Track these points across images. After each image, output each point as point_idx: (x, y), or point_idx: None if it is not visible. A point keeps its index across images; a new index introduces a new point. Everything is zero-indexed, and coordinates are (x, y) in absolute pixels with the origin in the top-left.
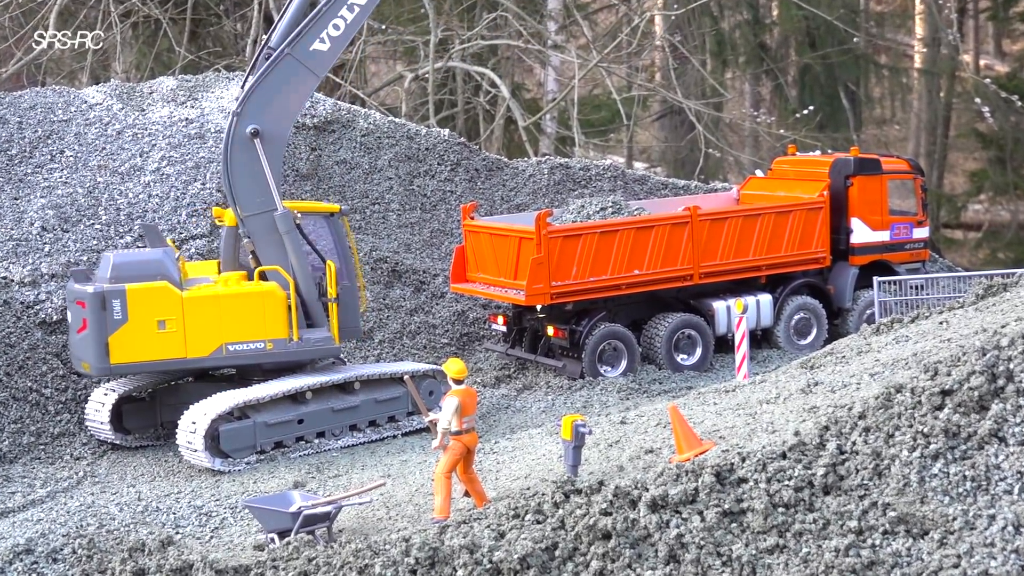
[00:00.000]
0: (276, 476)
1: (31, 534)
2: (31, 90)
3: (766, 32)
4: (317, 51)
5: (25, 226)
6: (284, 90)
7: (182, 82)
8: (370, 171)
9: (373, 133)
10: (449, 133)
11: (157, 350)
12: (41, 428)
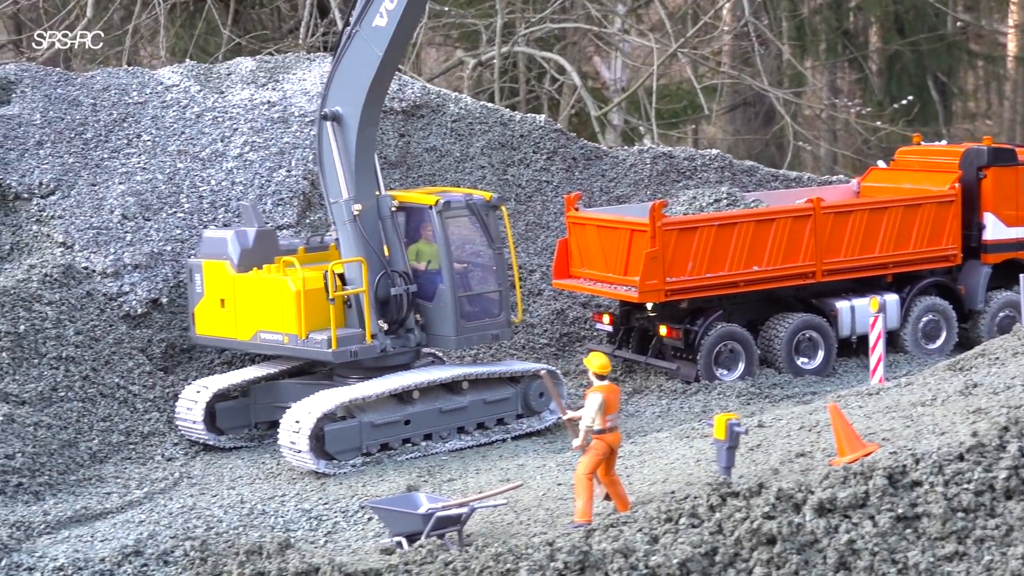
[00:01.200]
0: (385, 479)
1: (136, 536)
2: (103, 70)
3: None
4: (377, 27)
5: (105, 214)
6: (358, 71)
7: (261, 63)
8: (461, 159)
9: (464, 119)
10: (545, 119)
11: (220, 327)
12: (130, 427)
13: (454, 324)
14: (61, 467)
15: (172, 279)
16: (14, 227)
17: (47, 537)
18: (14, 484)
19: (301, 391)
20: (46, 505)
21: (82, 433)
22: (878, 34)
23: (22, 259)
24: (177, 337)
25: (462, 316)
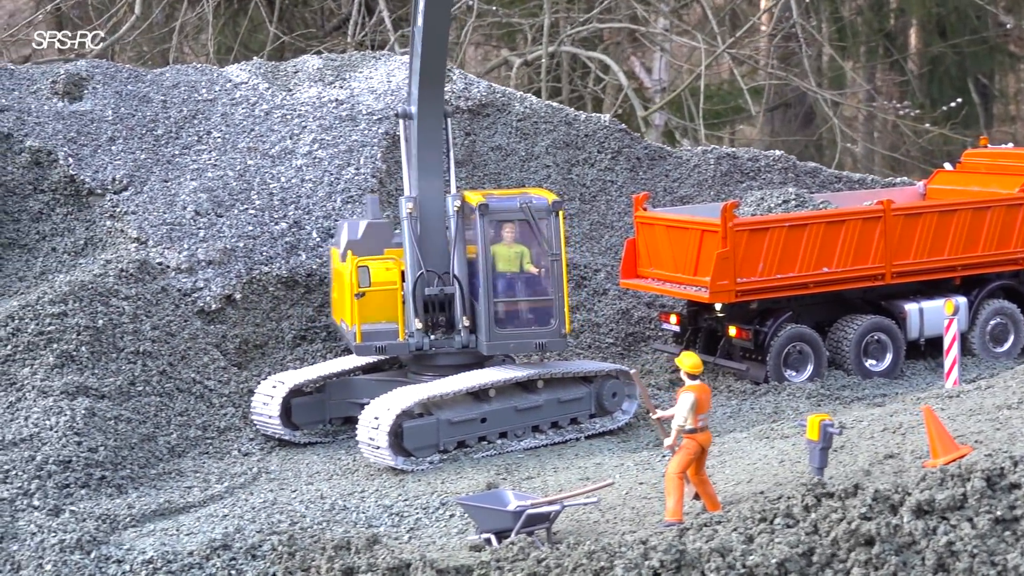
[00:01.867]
0: (464, 476)
1: (221, 530)
2: (172, 67)
3: (890, 20)
4: (418, 26)
5: (177, 210)
6: (414, 69)
7: (327, 61)
8: (527, 158)
9: (530, 118)
10: (610, 119)
11: (339, 313)
12: (207, 421)
13: (486, 330)
14: (141, 461)
15: (245, 275)
16: (88, 222)
17: (132, 530)
18: (97, 477)
19: (375, 388)
20: (129, 498)
21: (160, 427)
22: (918, 36)
23: (96, 254)
24: (250, 333)
25: (497, 322)
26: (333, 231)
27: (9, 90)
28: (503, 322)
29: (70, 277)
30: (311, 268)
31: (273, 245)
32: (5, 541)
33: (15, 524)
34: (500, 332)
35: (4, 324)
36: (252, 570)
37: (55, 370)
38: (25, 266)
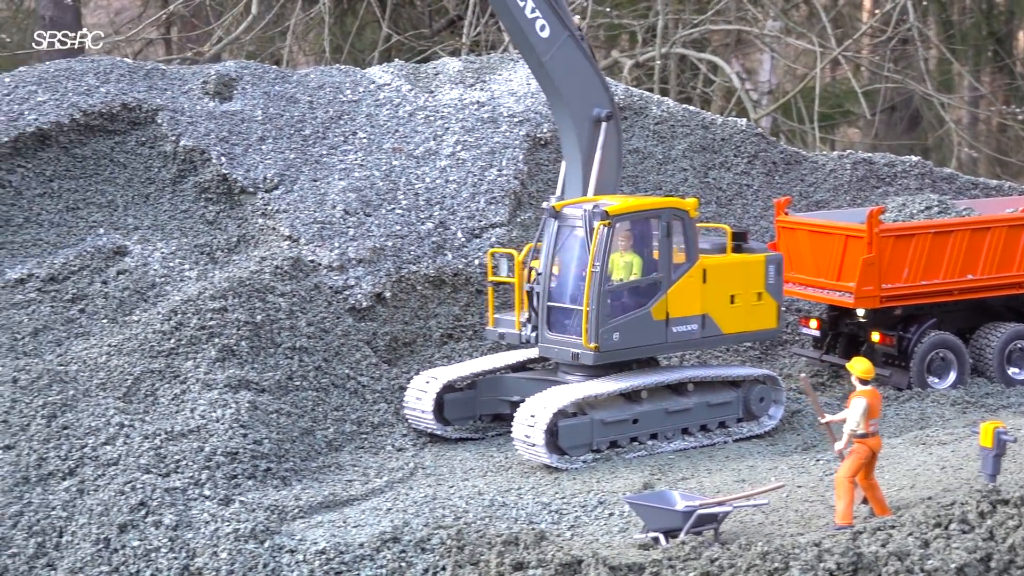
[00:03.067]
0: (618, 476)
1: (388, 523)
2: (316, 68)
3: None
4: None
5: (327, 209)
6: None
7: (467, 63)
8: (663, 161)
9: (667, 121)
10: (747, 123)
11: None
12: (361, 417)
13: (541, 331)
14: (302, 454)
15: (394, 274)
16: (240, 220)
17: (301, 521)
18: (263, 469)
19: (526, 386)
20: (295, 490)
21: (317, 422)
22: None
23: (249, 251)
24: (399, 330)
25: (548, 326)
26: (478, 231)
27: (162, 90)
28: (552, 326)
29: (228, 273)
30: (457, 268)
31: (420, 245)
32: (180, 529)
33: (189, 513)
34: (548, 335)
35: (167, 318)
36: (422, 563)
37: (217, 364)
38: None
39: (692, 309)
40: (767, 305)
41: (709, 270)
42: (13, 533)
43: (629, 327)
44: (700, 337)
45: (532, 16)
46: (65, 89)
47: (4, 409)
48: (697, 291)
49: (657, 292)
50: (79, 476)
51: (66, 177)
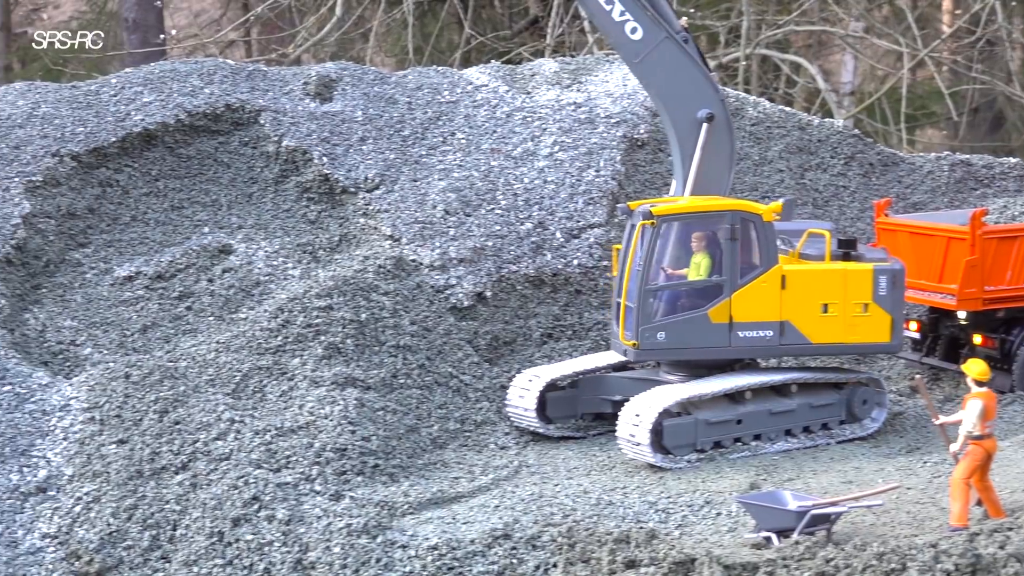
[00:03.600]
0: (724, 476)
1: (497, 520)
2: (414, 70)
3: None
4: None
5: (428, 208)
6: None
7: (563, 64)
8: (760, 163)
9: (763, 122)
10: (843, 124)
11: None
12: (464, 415)
13: (612, 329)
14: (408, 451)
15: (495, 273)
16: (341, 219)
17: (411, 517)
18: (371, 465)
19: (628, 385)
20: (403, 487)
21: (422, 419)
22: None
23: (351, 250)
24: (500, 330)
25: (618, 324)
26: (576, 232)
27: (264, 91)
28: (614, 324)
29: (332, 272)
30: (556, 268)
31: (520, 245)
32: (292, 524)
33: (300, 508)
34: (606, 333)
35: (274, 316)
36: (533, 560)
37: (323, 361)
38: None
39: (766, 315)
40: (876, 317)
41: (791, 277)
42: (128, 526)
43: (679, 328)
44: (777, 344)
45: (621, 19)
46: (170, 90)
47: (117, 404)
48: (773, 297)
49: (718, 295)
50: (192, 470)
51: (171, 176)
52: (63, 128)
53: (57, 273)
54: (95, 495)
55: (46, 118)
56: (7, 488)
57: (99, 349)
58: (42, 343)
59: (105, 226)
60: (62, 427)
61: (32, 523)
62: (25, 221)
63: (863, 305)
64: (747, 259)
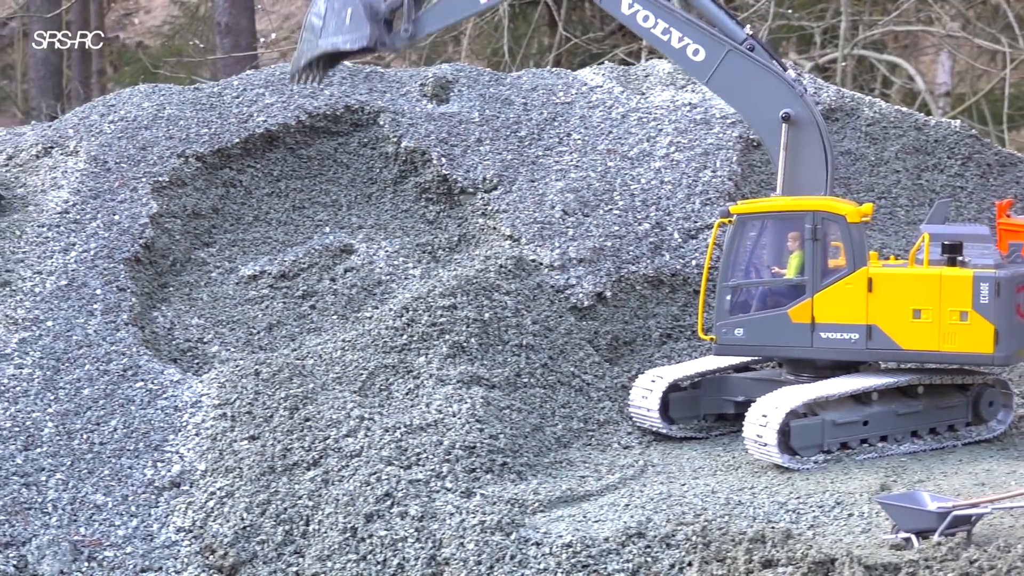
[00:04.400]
0: (852, 477)
1: (628, 518)
2: (528, 71)
3: None
4: None
5: (546, 209)
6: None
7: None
8: (876, 163)
9: (879, 123)
10: (960, 124)
11: None
12: (587, 414)
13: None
14: (535, 449)
15: (614, 273)
16: (460, 219)
17: (541, 515)
18: (499, 463)
19: (750, 386)
20: (531, 485)
21: (546, 418)
22: None
23: (470, 250)
24: (620, 330)
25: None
26: (694, 232)
27: (382, 92)
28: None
29: (455, 272)
30: (675, 268)
31: (638, 245)
32: (425, 520)
33: (433, 504)
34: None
35: (399, 315)
36: (668, 558)
37: (448, 359)
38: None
39: (851, 318)
40: (977, 327)
41: (879, 280)
42: (261, 521)
43: (757, 325)
44: (863, 348)
45: (681, 44)
46: (291, 92)
47: (248, 401)
48: (859, 300)
49: (800, 295)
50: (323, 467)
51: (292, 177)
52: (188, 129)
53: (183, 272)
54: (228, 490)
55: (171, 119)
56: (142, 482)
57: (226, 347)
58: (170, 340)
59: (229, 226)
60: (194, 423)
61: (167, 517)
62: (153, 221)
63: (961, 313)
64: (831, 260)
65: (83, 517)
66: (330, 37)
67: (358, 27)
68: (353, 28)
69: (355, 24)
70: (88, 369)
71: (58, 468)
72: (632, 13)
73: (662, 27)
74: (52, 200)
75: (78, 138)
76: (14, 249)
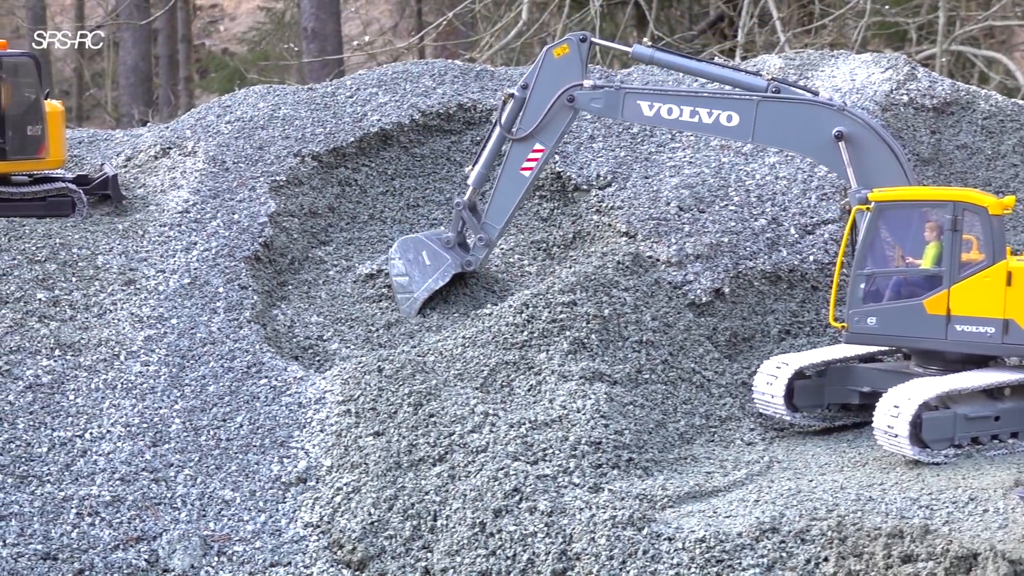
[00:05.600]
0: (984, 473)
1: (760, 513)
2: (638, 68)
3: None
4: None
5: (662, 205)
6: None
7: (788, 60)
8: (992, 157)
9: (995, 116)
10: None
11: None
12: (709, 410)
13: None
14: (659, 445)
15: (732, 269)
16: (574, 216)
17: (671, 511)
18: (625, 459)
19: (877, 377)
20: (659, 480)
21: (668, 415)
22: None
23: (586, 247)
24: (738, 326)
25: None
26: (810, 228)
27: (492, 91)
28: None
29: (574, 268)
30: (792, 264)
31: (755, 241)
32: (555, 515)
33: (561, 499)
34: None
35: (519, 312)
36: (803, 553)
37: (569, 356)
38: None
39: (988, 311)
40: None
41: (1018, 274)
42: (389, 516)
43: (891, 315)
44: (1000, 343)
45: (713, 118)
46: (404, 91)
47: (372, 397)
48: (997, 293)
49: (936, 286)
50: (449, 462)
51: (407, 175)
52: (303, 129)
53: (301, 270)
54: (355, 486)
55: (287, 119)
56: (269, 478)
57: (346, 344)
58: (291, 338)
59: (344, 224)
60: (318, 419)
61: (294, 512)
62: (271, 219)
63: None
64: (970, 251)
65: (212, 512)
66: (422, 285)
67: (439, 261)
68: (436, 265)
69: (435, 261)
70: (213, 366)
71: (186, 464)
72: (656, 112)
73: (688, 111)
74: (172, 200)
75: (196, 139)
76: (137, 248)
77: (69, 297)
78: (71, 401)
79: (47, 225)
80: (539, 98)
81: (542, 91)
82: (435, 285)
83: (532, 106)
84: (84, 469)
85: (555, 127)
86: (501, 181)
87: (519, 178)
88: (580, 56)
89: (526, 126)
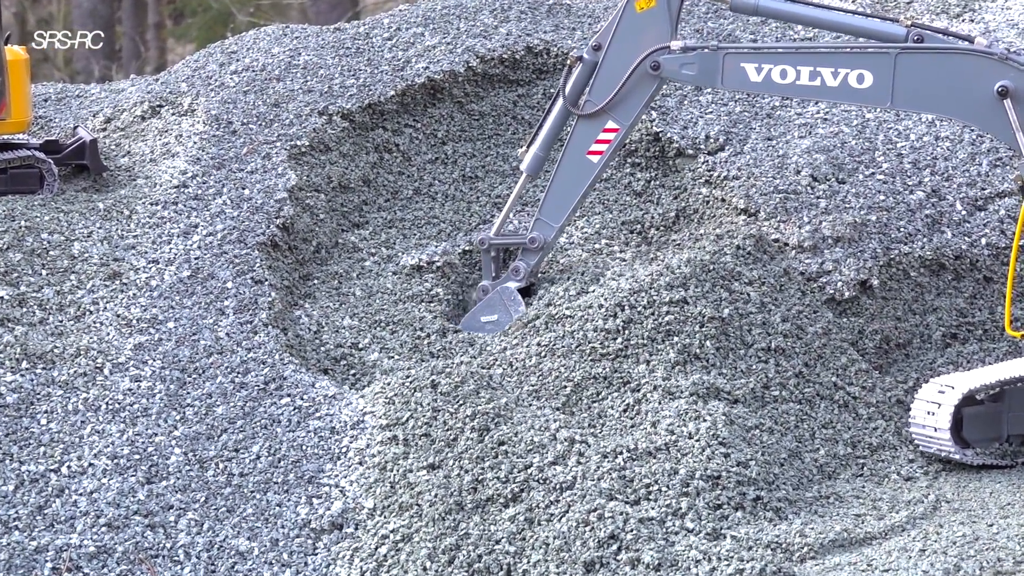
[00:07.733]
0: None
1: (928, 567)
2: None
3: None
4: None
5: (790, 175)
6: None
7: None
8: None
9: None
10: None
11: None
12: (855, 436)
13: None
14: (794, 480)
15: (881, 256)
16: (677, 189)
17: (812, 563)
18: (752, 497)
19: None
20: (795, 525)
21: (803, 441)
22: None
23: (692, 228)
24: (891, 328)
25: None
26: (982, 202)
27: (571, 30)
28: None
29: (687, 256)
30: (959, 249)
31: (911, 219)
32: (664, 569)
33: (672, 549)
34: None
35: (612, 313)
36: None
37: (677, 368)
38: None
39: None
40: None
41: None
42: (450, 571)
43: None
44: None
45: (839, 80)
46: (456, 31)
47: (424, 421)
48: None
49: None
50: (526, 502)
51: (461, 139)
52: (330, 80)
53: (330, 260)
54: (405, 533)
55: (308, 68)
56: (294, 523)
57: (388, 354)
58: (319, 346)
59: (384, 201)
60: (356, 448)
61: (327, 567)
62: (291, 195)
63: None
64: None
65: (223, 567)
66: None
67: (501, 295)
68: (501, 298)
69: (499, 297)
70: (221, 382)
71: (189, 506)
72: (765, 77)
73: (807, 73)
74: (166, 171)
75: (194, 93)
76: (123, 233)
77: (38, 295)
78: (43, 427)
79: (8, 204)
80: (614, 63)
81: (619, 55)
82: (516, 314)
83: (605, 73)
84: (61, 513)
85: (634, 101)
86: (562, 167)
87: (586, 164)
88: (670, 10)
89: (597, 99)
